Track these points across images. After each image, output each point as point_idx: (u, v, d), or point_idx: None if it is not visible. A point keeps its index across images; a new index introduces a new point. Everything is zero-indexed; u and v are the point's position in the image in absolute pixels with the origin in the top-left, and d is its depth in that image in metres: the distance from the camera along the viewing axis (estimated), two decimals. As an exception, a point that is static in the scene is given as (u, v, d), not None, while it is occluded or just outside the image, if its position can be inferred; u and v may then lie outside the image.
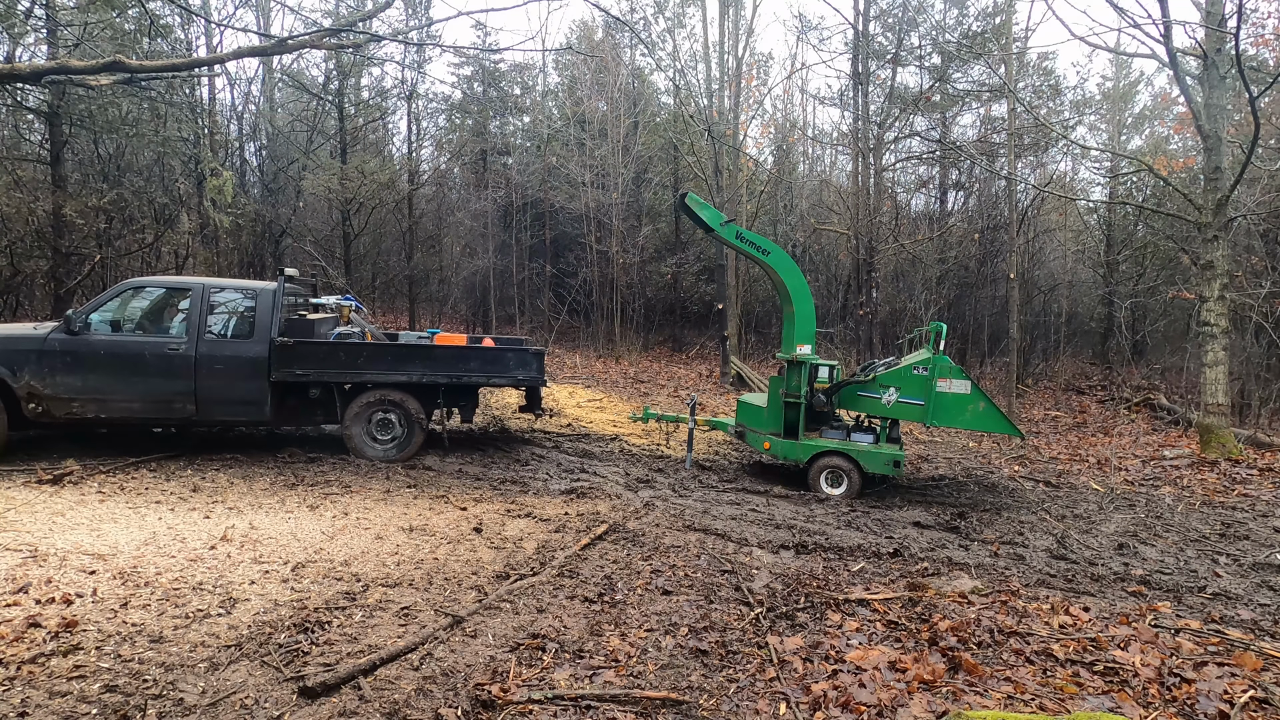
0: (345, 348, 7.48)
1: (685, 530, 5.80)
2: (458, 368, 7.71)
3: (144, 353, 6.86)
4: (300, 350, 7.22)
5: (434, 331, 8.64)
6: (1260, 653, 3.72)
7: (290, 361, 7.18)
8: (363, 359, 7.48)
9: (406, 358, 7.60)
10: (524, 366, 7.89)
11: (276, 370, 7.14)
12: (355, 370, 7.45)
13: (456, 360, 7.74)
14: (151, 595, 3.84)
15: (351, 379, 7.52)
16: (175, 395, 6.94)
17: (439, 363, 7.67)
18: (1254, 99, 8.46)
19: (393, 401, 7.59)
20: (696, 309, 23.85)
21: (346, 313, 8.57)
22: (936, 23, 19.42)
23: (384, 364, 7.53)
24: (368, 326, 8.55)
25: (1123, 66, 23.77)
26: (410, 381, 7.56)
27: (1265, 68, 14.63)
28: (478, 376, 7.83)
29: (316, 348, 7.35)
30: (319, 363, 7.30)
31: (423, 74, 21.02)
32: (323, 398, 7.57)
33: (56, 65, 8.97)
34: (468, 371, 7.75)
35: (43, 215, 13.41)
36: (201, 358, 6.97)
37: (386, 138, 26.36)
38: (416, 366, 7.57)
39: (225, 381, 7.06)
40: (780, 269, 7.92)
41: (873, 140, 18.69)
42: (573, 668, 3.33)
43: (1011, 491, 8.25)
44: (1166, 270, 19.13)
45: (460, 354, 7.81)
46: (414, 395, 7.65)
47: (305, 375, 7.26)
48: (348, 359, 7.42)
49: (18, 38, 13.11)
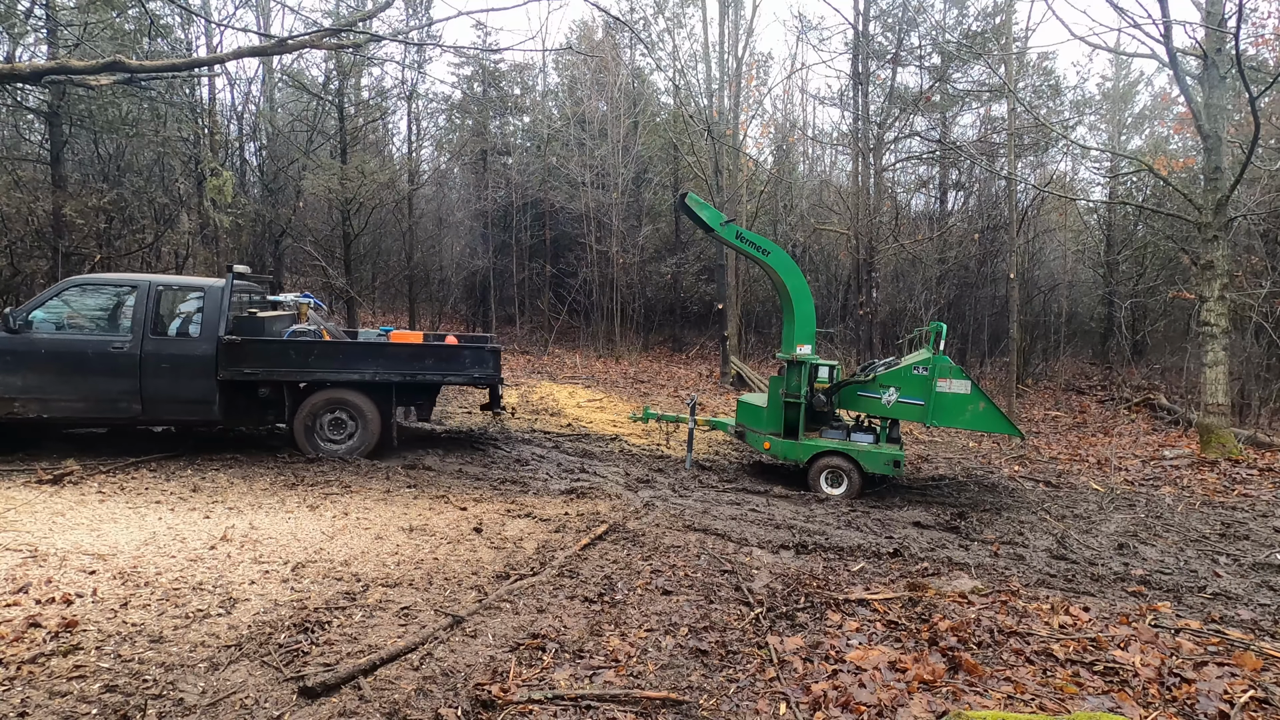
0: (296, 346, 7.38)
1: (685, 530, 5.80)
2: (412, 366, 7.60)
3: (86, 351, 6.75)
4: (249, 348, 7.12)
5: (388, 330, 8.52)
6: (1260, 653, 3.72)
7: (239, 360, 7.08)
8: (314, 357, 7.36)
9: (359, 356, 7.51)
10: (480, 365, 7.78)
11: (224, 369, 7.03)
12: (306, 369, 7.33)
13: (410, 358, 7.63)
14: (151, 595, 3.84)
15: (303, 378, 7.40)
16: (120, 394, 6.84)
17: (393, 361, 7.56)
18: (1254, 99, 8.46)
19: (345, 400, 7.49)
20: (696, 309, 23.85)
21: (304, 310, 8.46)
22: (936, 23, 19.43)
23: (336, 362, 7.42)
24: (325, 324, 8.43)
25: (1123, 66, 23.78)
26: (363, 380, 7.47)
27: (1265, 68, 14.62)
28: (433, 375, 7.72)
29: (266, 346, 7.25)
30: (269, 361, 7.20)
31: (423, 74, 21.04)
32: (273, 396, 7.46)
33: (56, 65, 8.97)
34: (422, 370, 7.64)
35: (43, 215, 13.41)
36: (146, 356, 6.86)
37: (386, 138, 26.36)
38: (369, 365, 7.47)
39: (171, 380, 6.95)
40: (780, 269, 7.92)
41: (873, 140, 18.69)
42: (573, 668, 3.33)
43: (1011, 491, 8.25)
44: (1166, 270, 19.13)
45: (414, 352, 7.72)
46: (367, 394, 7.55)
47: (254, 374, 7.16)
48: (299, 357, 7.31)
49: (18, 38, 13.11)
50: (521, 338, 22.55)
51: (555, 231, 23.78)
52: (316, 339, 7.78)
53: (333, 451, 7.45)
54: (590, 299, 21.90)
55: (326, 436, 7.53)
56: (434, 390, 8.37)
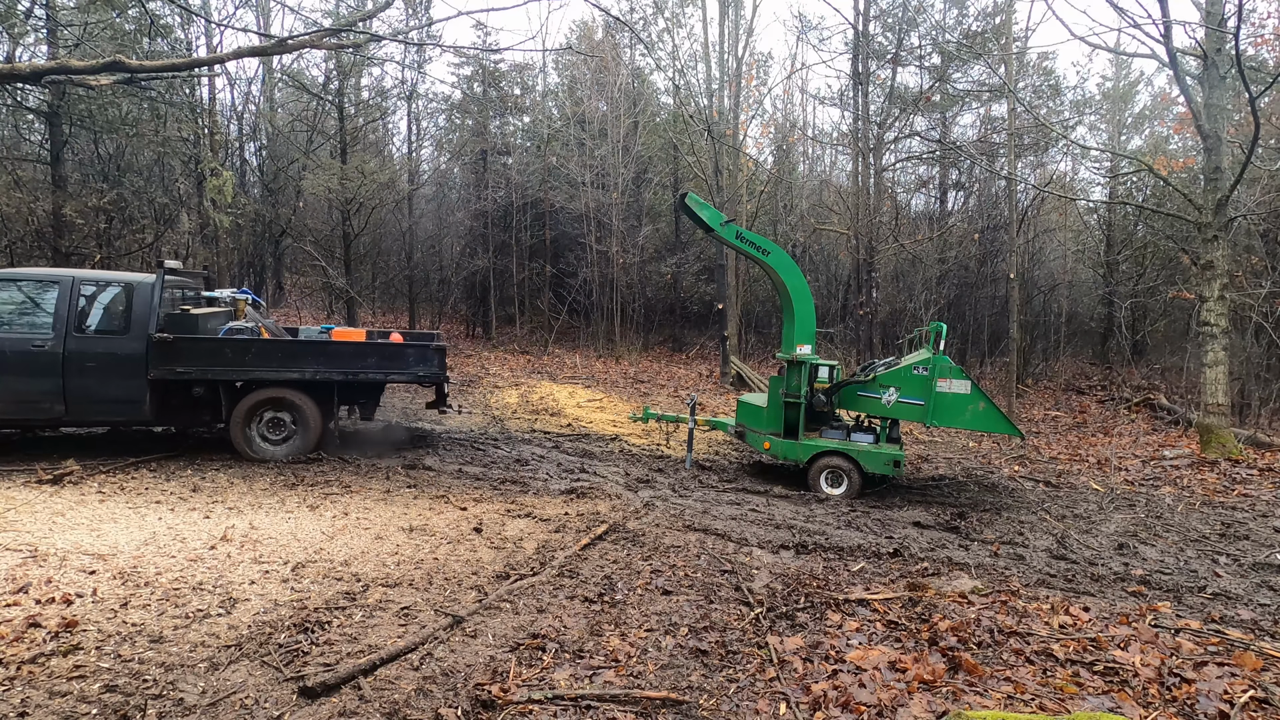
0: (231, 344, 7.18)
1: (685, 530, 5.80)
2: (353, 364, 7.44)
3: (3, 350, 6.53)
4: (181, 346, 6.92)
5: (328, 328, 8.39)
6: (1260, 653, 3.72)
7: (170, 358, 6.88)
8: (250, 356, 7.16)
9: (299, 354, 7.33)
10: (425, 363, 7.62)
11: (155, 368, 6.84)
12: (242, 367, 7.13)
13: (352, 357, 7.48)
14: (151, 595, 3.84)
15: (238, 376, 7.21)
16: (42, 395, 6.62)
17: (333, 359, 7.39)
18: (1254, 99, 8.46)
19: (284, 400, 7.32)
20: (696, 309, 23.84)
21: (241, 307, 8.28)
22: (936, 23, 19.43)
23: (274, 361, 7.22)
24: (264, 322, 8.25)
25: (1123, 66, 23.78)
26: (303, 379, 7.29)
27: (1265, 68, 14.62)
28: (375, 373, 7.55)
29: (199, 344, 7.05)
30: (202, 360, 7.01)
31: (423, 74, 21.04)
32: (208, 396, 7.25)
33: (56, 65, 8.97)
34: (364, 368, 7.47)
35: (43, 215, 13.42)
36: (70, 355, 6.64)
37: (386, 138, 26.36)
38: (309, 363, 7.30)
39: (98, 380, 6.74)
40: (780, 269, 7.92)
41: (873, 140, 18.69)
42: (573, 668, 3.33)
43: (1011, 491, 8.25)
44: (1166, 270, 19.12)
45: (356, 350, 7.57)
46: (308, 393, 7.38)
47: (187, 373, 6.97)
48: (234, 356, 7.11)
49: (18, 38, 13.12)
50: (521, 338, 22.55)
51: (555, 231, 23.78)
52: (253, 337, 7.59)
53: (272, 453, 7.26)
54: (590, 299, 21.90)
55: (265, 437, 7.33)
56: (378, 389, 8.21)
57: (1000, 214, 18.40)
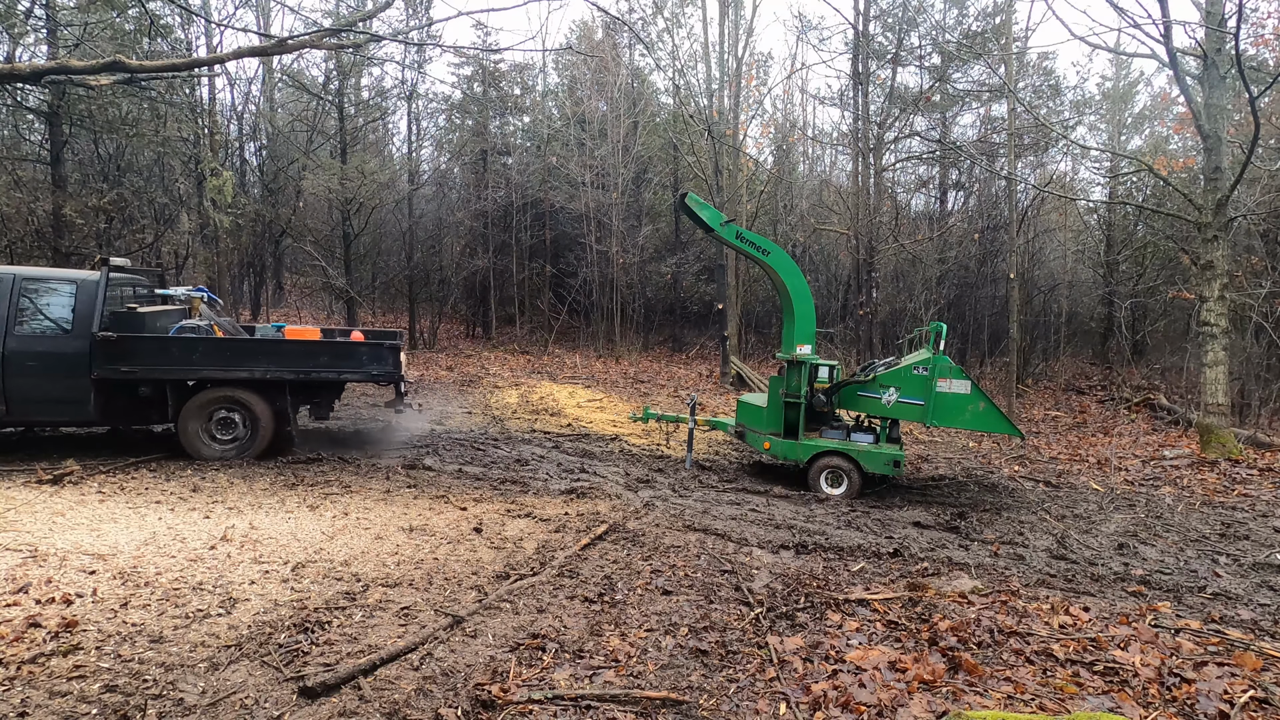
0: (178, 343, 7.07)
1: (685, 530, 5.80)
2: (305, 363, 7.34)
3: None
4: (126, 345, 6.82)
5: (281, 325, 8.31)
6: (1260, 653, 3.72)
7: (115, 358, 6.77)
8: (198, 355, 7.04)
9: (249, 353, 7.24)
10: (379, 362, 7.53)
11: (99, 367, 6.72)
12: (190, 367, 7.02)
13: (304, 355, 7.38)
14: (151, 595, 3.84)
15: (186, 376, 7.10)
16: None
17: (285, 358, 7.29)
18: (1254, 99, 8.46)
19: (235, 399, 7.21)
20: (696, 309, 23.84)
21: (196, 305, 8.18)
22: (936, 23, 19.43)
23: (223, 360, 7.13)
24: (219, 320, 8.13)
25: (1123, 66, 23.78)
26: (253, 378, 7.20)
27: (1265, 68, 14.62)
28: (328, 372, 7.44)
29: (145, 343, 6.95)
30: (148, 359, 6.89)
31: (423, 74, 21.03)
32: (155, 395, 7.13)
33: (56, 65, 8.98)
34: (316, 367, 7.36)
35: (43, 215, 13.42)
36: (10, 354, 6.53)
37: (386, 138, 26.37)
38: (260, 362, 7.20)
39: (39, 380, 6.62)
40: (780, 269, 7.92)
41: (873, 140, 18.69)
42: (573, 668, 3.33)
43: (1011, 491, 8.25)
44: (1166, 270, 19.12)
45: (308, 349, 7.47)
46: (259, 392, 7.29)
47: (132, 372, 6.86)
48: (181, 355, 6.99)
49: (18, 38, 13.12)
50: (521, 338, 22.56)
51: (555, 231, 23.78)
52: (203, 335, 7.45)
53: (222, 454, 7.16)
54: (590, 299, 21.90)
55: (214, 436, 7.23)
56: (333, 388, 8.11)
57: (1000, 214, 18.40)
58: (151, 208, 16.42)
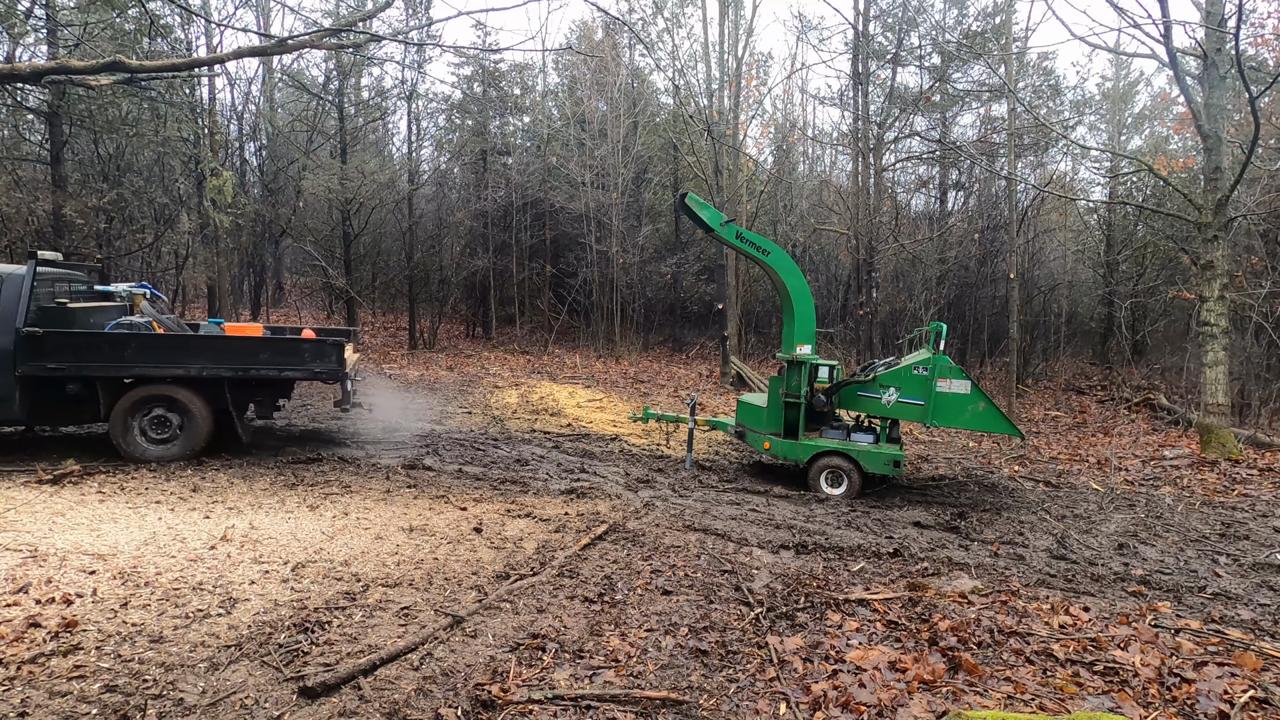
0: (108, 339, 6.87)
1: (685, 530, 5.80)
2: (244, 360, 7.15)
3: None
4: (53, 341, 6.63)
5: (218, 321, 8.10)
6: (1260, 653, 3.72)
7: (40, 354, 6.59)
8: (130, 351, 6.82)
9: (185, 350, 7.03)
10: (321, 359, 7.33)
11: (24, 363, 6.54)
12: (122, 364, 6.82)
13: (242, 352, 7.19)
14: (151, 595, 3.84)
15: (116, 373, 6.89)
16: None
17: (222, 355, 7.10)
18: (1254, 99, 8.46)
19: (169, 397, 7.01)
20: (696, 309, 23.84)
21: (138, 301, 8.04)
22: (936, 23, 19.43)
23: (156, 356, 6.91)
24: (161, 317, 7.91)
25: (1123, 66, 23.77)
26: (189, 375, 7.00)
27: (1265, 68, 14.62)
28: (268, 370, 7.22)
29: (73, 339, 6.75)
30: (76, 355, 6.69)
31: (423, 74, 21.02)
32: (85, 394, 6.91)
33: (56, 65, 8.98)
34: (256, 364, 7.16)
35: (43, 215, 13.42)
36: None
37: (386, 138, 26.38)
38: (196, 359, 7.00)
39: None
40: (780, 269, 7.92)
41: (873, 140, 18.69)
42: (573, 668, 3.33)
43: (1011, 491, 8.25)
44: (1166, 270, 19.12)
45: (246, 346, 7.28)
46: (196, 390, 7.11)
47: (60, 369, 6.66)
48: (112, 351, 6.77)
49: (18, 38, 13.12)
50: (521, 338, 22.56)
51: (555, 231, 23.78)
52: (135, 332, 7.22)
53: (157, 454, 6.96)
54: (590, 299, 21.90)
55: (148, 436, 7.02)
56: (276, 387, 7.86)
57: (1000, 214, 18.40)
58: (151, 208, 16.42)
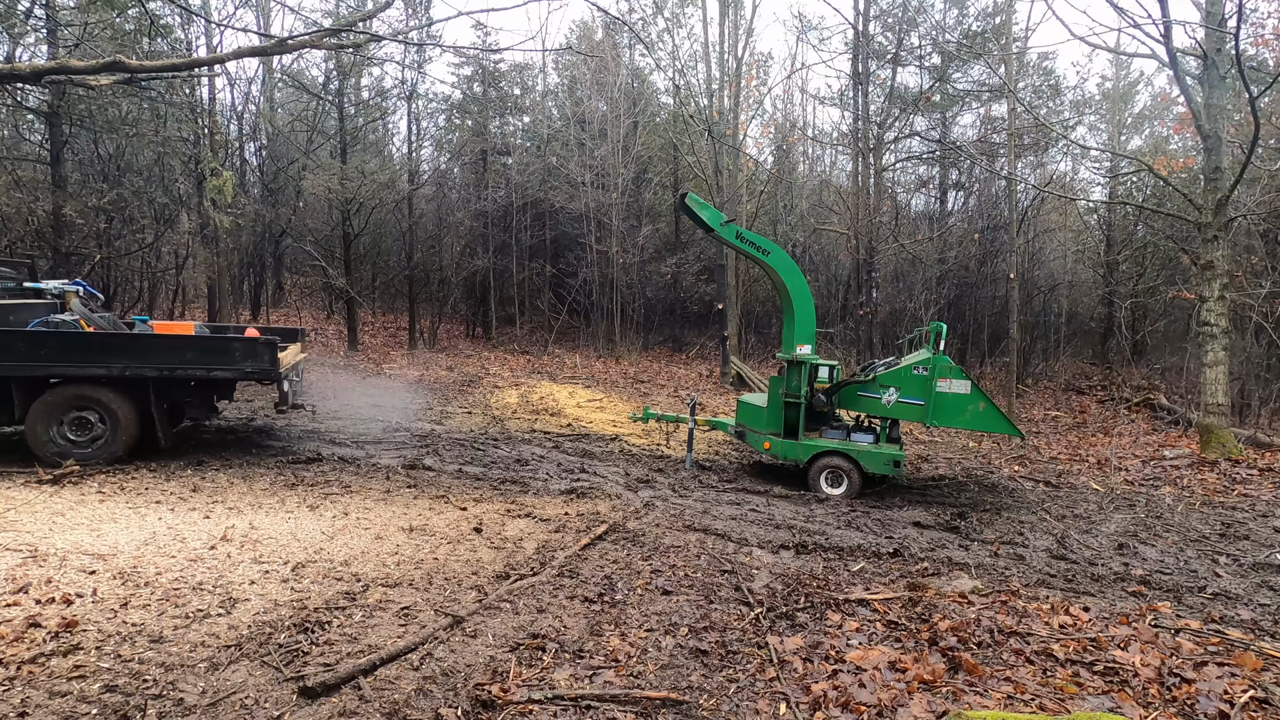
0: (22, 336, 6.64)
1: (685, 530, 5.80)
2: (169, 360, 6.86)
3: None
4: None
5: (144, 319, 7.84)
6: (1260, 653, 3.72)
7: None
8: (46, 350, 6.58)
9: (107, 349, 6.75)
10: (253, 358, 7.05)
11: None
12: (37, 363, 6.57)
13: (167, 351, 6.90)
14: (151, 595, 3.84)
15: (30, 372, 6.63)
16: None
17: (146, 354, 6.81)
18: (1254, 99, 8.46)
19: (91, 398, 6.76)
20: (696, 309, 23.85)
21: (69, 299, 7.85)
22: (936, 23, 19.43)
23: (75, 356, 6.64)
24: (93, 315, 7.67)
25: (1123, 66, 23.78)
26: (110, 375, 6.75)
27: (1265, 68, 14.62)
28: (196, 369, 6.95)
29: None
30: None
31: (423, 74, 21.02)
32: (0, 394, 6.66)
33: (56, 65, 8.97)
34: (183, 364, 6.89)
35: (43, 215, 13.42)
36: None
37: (386, 138, 26.38)
38: (118, 358, 6.72)
39: None
40: (780, 269, 7.92)
41: (873, 140, 18.69)
42: (573, 668, 3.33)
43: (1011, 491, 8.25)
44: (1166, 270, 19.13)
45: (171, 344, 7.02)
46: (121, 391, 6.86)
47: None
48: (27, 350, 6.52)
49: (18, 38, 13.13)
50: (521, 338, 22.56)
51: (555, 231, 23.79)
52: (55, 330, 6.99)
53: (80, 456, 6.68)
54: (590, 299, 21.90)
55: (69, 439, 6.76)
56: (209, 387, 7.58)
57: (1000, 214, 18.40)
58: (151, 208, 16.42)
